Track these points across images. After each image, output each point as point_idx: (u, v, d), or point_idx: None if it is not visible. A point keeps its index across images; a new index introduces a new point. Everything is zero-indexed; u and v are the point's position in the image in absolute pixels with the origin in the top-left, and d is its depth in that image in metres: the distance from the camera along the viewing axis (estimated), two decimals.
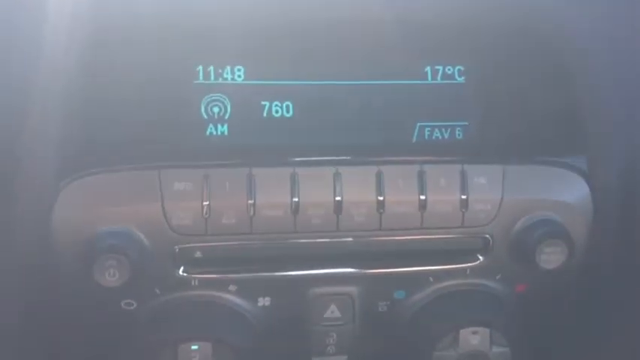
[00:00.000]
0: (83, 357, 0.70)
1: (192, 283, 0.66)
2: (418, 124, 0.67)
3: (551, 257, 0.66)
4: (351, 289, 0.69)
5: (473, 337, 0.68)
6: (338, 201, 0.64)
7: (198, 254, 0.65)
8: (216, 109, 0.65)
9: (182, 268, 0.65)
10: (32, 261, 0.63)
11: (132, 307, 0.66)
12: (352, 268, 0.68)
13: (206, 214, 0.63)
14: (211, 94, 0.65)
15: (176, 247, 0.64)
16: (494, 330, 0.68)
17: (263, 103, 0.65)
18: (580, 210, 0.68)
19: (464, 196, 0.66)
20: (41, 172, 0.61)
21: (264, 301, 0.68)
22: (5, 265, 0.63)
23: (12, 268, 0.63)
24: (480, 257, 0.69)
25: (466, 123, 0.68)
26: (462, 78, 0.68)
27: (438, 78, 0.68)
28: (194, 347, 0.64)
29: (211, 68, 0.65)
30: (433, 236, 0.67)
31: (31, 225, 0.61)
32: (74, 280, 0.63)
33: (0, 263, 0.63)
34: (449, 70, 0.67)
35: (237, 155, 0.64)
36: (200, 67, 0.64)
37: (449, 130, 0.67)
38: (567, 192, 0.68)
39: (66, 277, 0.64)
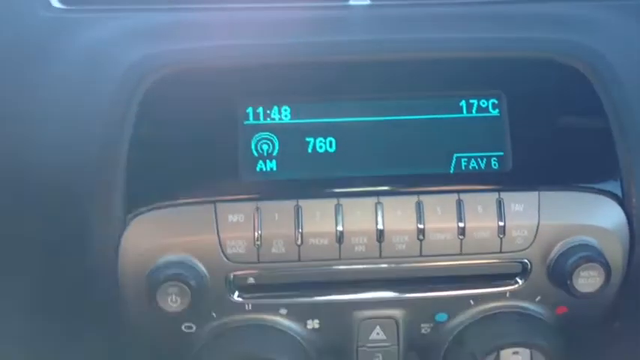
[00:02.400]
0: None
1: (246, 307, 0.70)
2: (455, 155, 0.70)
3: (588, 281, 0.68)
4: (395, 312, 0.72)
5: (514, 358, 0.71)
6: (380, 229, 0.68)
7: (251, 280, 0.70)
8: (265, 147, 0.70)
9: (236, 294, 0.70)
10: (102, 289, 0.69)
11: (191, 330, 0.71)
12: (395, 292, 0.72)
13: (257, 243, 0.68)
14: (260, 133, 0.70)
15: (231, 274, 0.69)
16: (534, 350, 0.71)
17: (308, 139, 0.70)
18: (616, 234, 0.69)
19: (501, 223, 0.69)
20: (110, 208, 0.68)
21: (312, 324, 0.72)
22: (76, 292, 0.70)
23: (82, 296, 0.70)
24: (519, 281, 0.71)
25: (501, 153, 0.70)
26: (496, 111, 0.71)
27: (473, 111, 0.71)
28: None
29: (260, 109, 0.70)
30: (472, 261, 0.70)
31: (102, 255, 0.68)
32: (139, 307, 0.69)
33: (71, 292, 0.70)
34: (483, 103, 0.71)
35: (285, 189, 0.69)
36: (250, 109, 0.70)
37: (485, 161, 0.70)
38: (603, 217, 0.70)
39: (132, 305, 0.69)
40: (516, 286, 0.71)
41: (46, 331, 0.72)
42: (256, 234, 0.68)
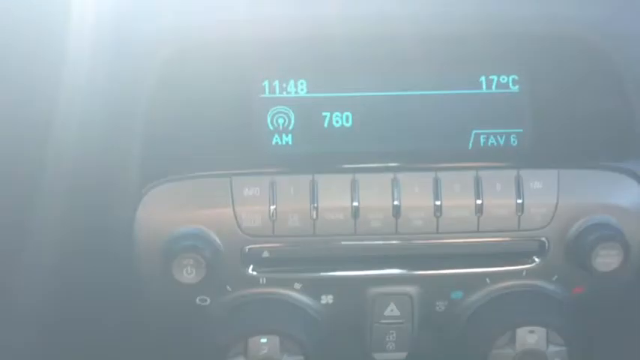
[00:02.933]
0: (159, 349, 0.76)
1: (261, 281, 0.70)
2: (474, 131, 0.69)
3: (606, 260, 0.67)
4: (410, 289, 0.72)
5: (530, 337, 0.70)
6: (396, 205, 0.68)
7: (265, 254, 0.70)
8: (281, 121, 0.70)
9: (251, 267, 0.70)
10: (116, 261, 0.69)
11: (206, 303, 0.71)
12: (410, 269, 0.71)
13: (273, 217, 0.68)
14: (276, 107, 0.70)
15: (246, 247, 0.69)
16: (550, 329, 0.70)
17: (324, 114, 0.69)
18: (636, 213, 0.68)
19: (519, 201, 0.68)
20: (126, 180, 0.68)
21: (327, 299, 0.72)
22: (92, 264, 0.70)
23: (98, 268, 0.70)
24: (536, 259, 0.71)
25: (521, 130, 0.69)
26: (516, 87, 0.70)
27: (493, 87, 0.70)
28: (263, 340, 0.69)
29: (276, 83, 0.69)
30: (489, 239, 0.70)
31: (117, 227, 0.68)
32: (154, 279, 0.69)
33: (87, 264, 0.70)
34: (503, 79, 0.69)
35: (300, 163, 0.68)
36: (266, 82, 0.69)
37: (504, 137, 0.69)
38: (622, 195, 0.69)
39: (147, 277, 0.70)
40: (533, 264, 0.71)
41: (61, 305, 0.72)
42: (271, 208, 0.68)
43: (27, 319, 0.73)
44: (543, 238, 0.69)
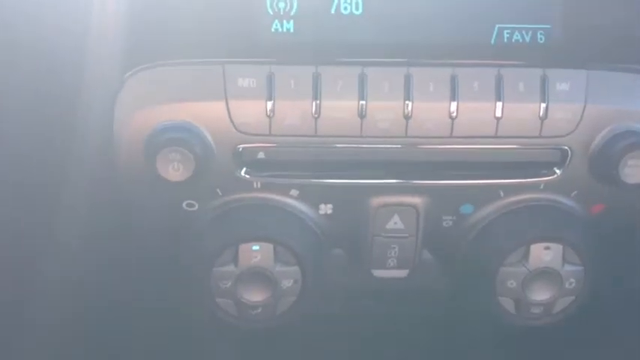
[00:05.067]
0: (145, 260, 0.70)
1: (254, 185, 0.64)
2: (497, 25, 0.63)
3: (634, 171, 0.62)
4: (416, 200, 0.66)
5: (545, 254, 0.65)
6: (408, 104, 0.61)
7: (261, 155, 0.63)
8: (281, 5, 0.62)
9: (244, 170, 0.64)
10: (95, 156, 0.63)
11: (193, 208, 0.65)
12: (418, 177, 0.65)
13: (270, 113, 0.61)
14: None
15: (239, 146, 0.62)
16: (567, 246, 0.65)
17: None
18: None
19: (544, 104, 0.62)
20: (106, 64, 0.60)
21: (325, 209, 0.66)
22: (67, 160, 0.63)
23: (74, 164, 0.63)
24: (557, 171, 0.65)
25: (549, 26, 0.63)
26: None
27: None
28: (255, 248, 0.63)
29: None
30: (507, 146, 0.64)
31: (95, 116, 0.61)
32: (136, 177, 0.63)
33: (62, 159, 0.63)
34: None
35: (302, 52, 0.61)
36: None
37: (530, 33, 0.63)
38: None
39: (128, 175, 0.63)
40: (553, 176, 0.65)
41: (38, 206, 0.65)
42: (269, 103, 0.61)
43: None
44: (566, 147, 0.64)
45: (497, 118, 0.62)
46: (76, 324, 0.74)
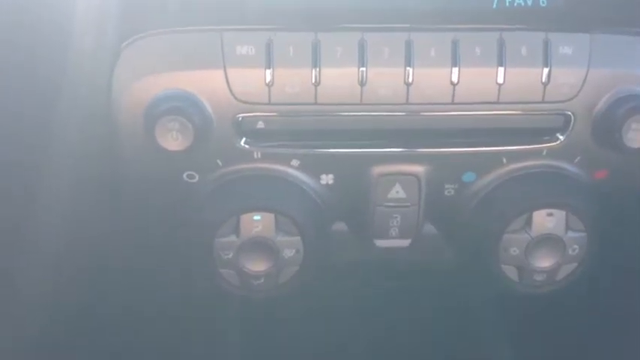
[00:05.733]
0: (147, 233, 0.70)
1: (255, 155, 0.64)
2: None
3: (638, 135, 0.61)
4: (418, 169, 0.65)
5: (548, 220, 0.65)
6: (409, 70, 0.61)
7: (260, 124, 0.62)
8: None
9: (244, 139, 0.63)
10: (95, 128, 0.62)
11: (194, 180, 0.65)
12: (419, 146, 0.65)
13: (269, 81, 0.60)
14: None
15: (239, 116, 0.62)
16: (571, 213, 0.64)
17: None
18: None
19: (546, 68, 0.61)
20: (102, 33, 0.59)
21: (327, 179, 0.66)
22: (67, 134, 0.62)
23: (74, 137, 0.63)
24: (560, 137, 0.64)
25: None
26: None
27: None
28: (256, 217, 0.63)
29: None
30: (509, 112, 0.63)
31: (93, 86, 0.60)
32: (137, 149, 0.62)
33: (61, 133, 0.62)
34: None
35: (301, 19, 0.60)
36: None
37: None
38: None
39: (129, 147, 0.62)
40: (556, 142, 0.65)
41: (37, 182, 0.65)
42: (268, 71, 0.60)
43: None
44: (569, 112, 0.63)
45: (499, 84, 0.61)
46: (79, 298, 0.73)
